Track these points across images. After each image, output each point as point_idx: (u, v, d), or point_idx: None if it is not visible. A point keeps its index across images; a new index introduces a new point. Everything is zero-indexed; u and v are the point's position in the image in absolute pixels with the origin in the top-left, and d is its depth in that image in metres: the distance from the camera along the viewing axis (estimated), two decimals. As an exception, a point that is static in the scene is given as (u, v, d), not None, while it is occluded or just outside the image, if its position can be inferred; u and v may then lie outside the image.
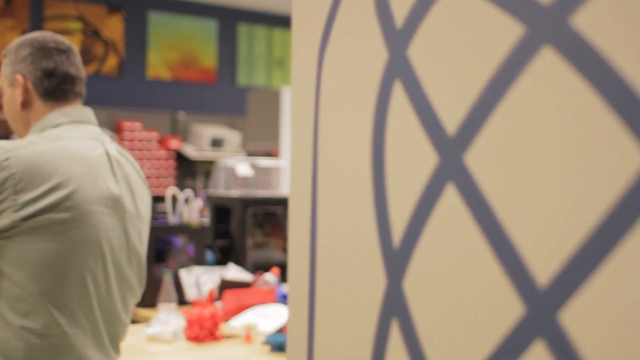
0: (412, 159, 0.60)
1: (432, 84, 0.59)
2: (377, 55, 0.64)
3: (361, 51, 0.67)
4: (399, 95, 0.62)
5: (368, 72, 0.65)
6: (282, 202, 4.13)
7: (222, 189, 4.32)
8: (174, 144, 9.71)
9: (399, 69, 0.62)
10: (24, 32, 9.15)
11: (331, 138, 0.71)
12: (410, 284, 0.61)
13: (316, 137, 0.73)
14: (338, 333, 0.71)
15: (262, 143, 7.45)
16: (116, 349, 1.90)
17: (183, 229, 3.71)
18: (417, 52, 0.60)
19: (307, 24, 0.75)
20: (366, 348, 0.66)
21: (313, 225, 0.74)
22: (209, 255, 3.90)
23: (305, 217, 0.75)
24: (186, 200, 4.02)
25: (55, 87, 1.88)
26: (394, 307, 0.63)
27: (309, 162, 0.74)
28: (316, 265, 0.73)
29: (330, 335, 0.72)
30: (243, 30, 11.18)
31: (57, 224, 1.71)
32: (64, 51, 1.90)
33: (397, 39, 0.62)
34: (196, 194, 8.04)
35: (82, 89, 1.94)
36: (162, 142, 9.73)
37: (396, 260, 0.63)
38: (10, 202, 1.68)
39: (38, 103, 1.88)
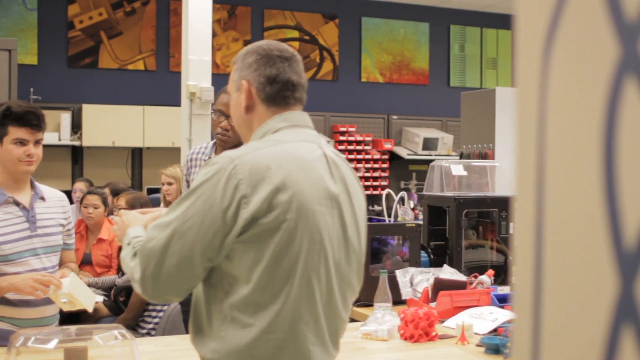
0: (646, 157, 0.58)
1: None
2: (608, 49, 0.62)
3: (590, 47, 0.65)
4: (631, 90, 0.60)
5: (598, 67, 0.64)
6: (498, 204, 4.05)
7: (435, 190, 4.31)
8: (388, 146, 9.82)
9: (632, 63, 0.60)
10: (246, 42, 9.64)
11: (559, 137, 0.69)
12: (645, 287, 0.59)
13: (542, 138, 0.72)
14: (565, 338, 0.69)
15: (476, 145, 7.36)
16: (336, 345, 1.95)
17: (398, 229, 3.74)
18: (652, 45, 0.58)
19: (531, 23, 0.74)
20: (595, 355, 0.65)
21: (539, 226, 0.72)
22: (423, 255, 3.90)
23: (530, 219, 0.74)
24: (400, 201, 4.06)
25: (276, 93, 1.96)
26: (627, 311, 0.61)
27: (534, 163, 0.73)
28: (543, 268, 0.72)
29: (556, 340, 0.71)
30: (455, 31, 11.11)
31: (283, 224, 1.79)
32: (287, 59, 1.98)
33: (630, 31, 0.60)
34: (409, 195, 8.08)
35: (302, 95, 2.01)
36: (375, 145, 9.87)
37: (629, 262, 0.61)
38: (243, 206, 1.77)
39: (260, 108, 1.97)
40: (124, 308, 4.89)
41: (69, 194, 3.43)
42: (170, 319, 4.10)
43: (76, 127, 8.73)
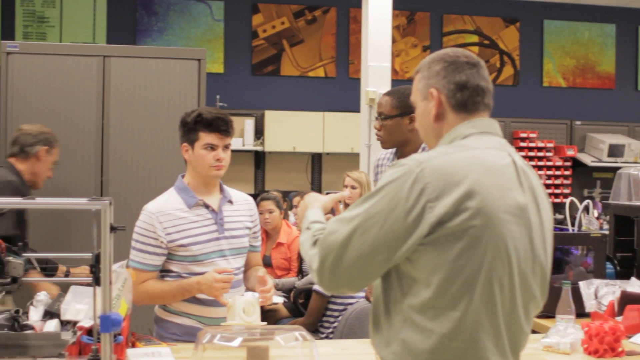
0: None
1: None
2: None
3: None
4: None
5: None
6: (692, 215, 3.82)
7: (623, 199, 4.13)
8: (570, 152, 9.52)
9: None
10: (425, 48, 9.64)
11: None
12: None
13: None
14: None
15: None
16: (516, 357, 1.91)
17: (582, 239, 3.61)
18: None
19: None
20: None
21: None
22: (609, 267, 3.74)
23: None
24: (585, 210, 3.91)
25: (467, 99, 1.94)
26: None
27: None
28: None
29: None
30: (644, 32, 10.60)
31: (469, 230, 1.76)
32: (474, 65, 1.96)
33: None
34: (593, 204, 7.78)
35: (490, 101, 1.98)
36: (557, 151, 9.59)
37: None
38: (428, 210, 1.77)
39: (450, 115, 1.96)
40: (303, 310, 5.00)
41: (254, 197, 3.54)
42: (348, 323, 4.16)
43: (259, 132, 9.06)
